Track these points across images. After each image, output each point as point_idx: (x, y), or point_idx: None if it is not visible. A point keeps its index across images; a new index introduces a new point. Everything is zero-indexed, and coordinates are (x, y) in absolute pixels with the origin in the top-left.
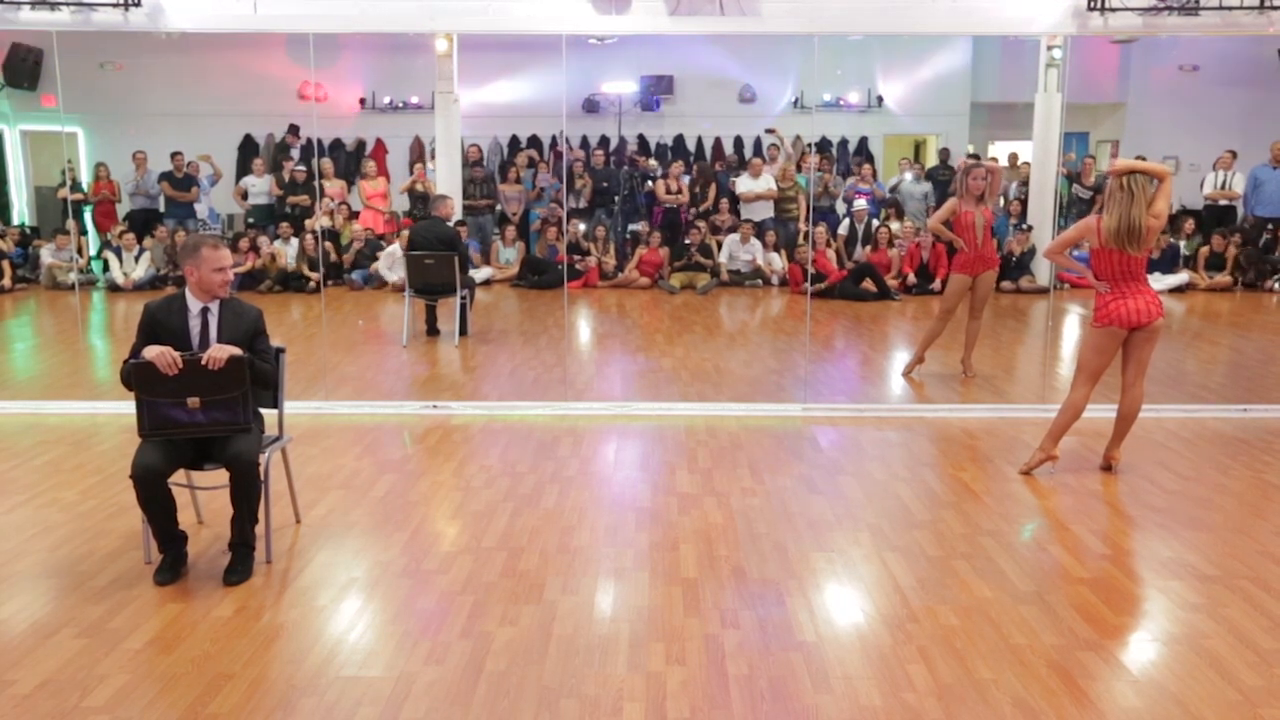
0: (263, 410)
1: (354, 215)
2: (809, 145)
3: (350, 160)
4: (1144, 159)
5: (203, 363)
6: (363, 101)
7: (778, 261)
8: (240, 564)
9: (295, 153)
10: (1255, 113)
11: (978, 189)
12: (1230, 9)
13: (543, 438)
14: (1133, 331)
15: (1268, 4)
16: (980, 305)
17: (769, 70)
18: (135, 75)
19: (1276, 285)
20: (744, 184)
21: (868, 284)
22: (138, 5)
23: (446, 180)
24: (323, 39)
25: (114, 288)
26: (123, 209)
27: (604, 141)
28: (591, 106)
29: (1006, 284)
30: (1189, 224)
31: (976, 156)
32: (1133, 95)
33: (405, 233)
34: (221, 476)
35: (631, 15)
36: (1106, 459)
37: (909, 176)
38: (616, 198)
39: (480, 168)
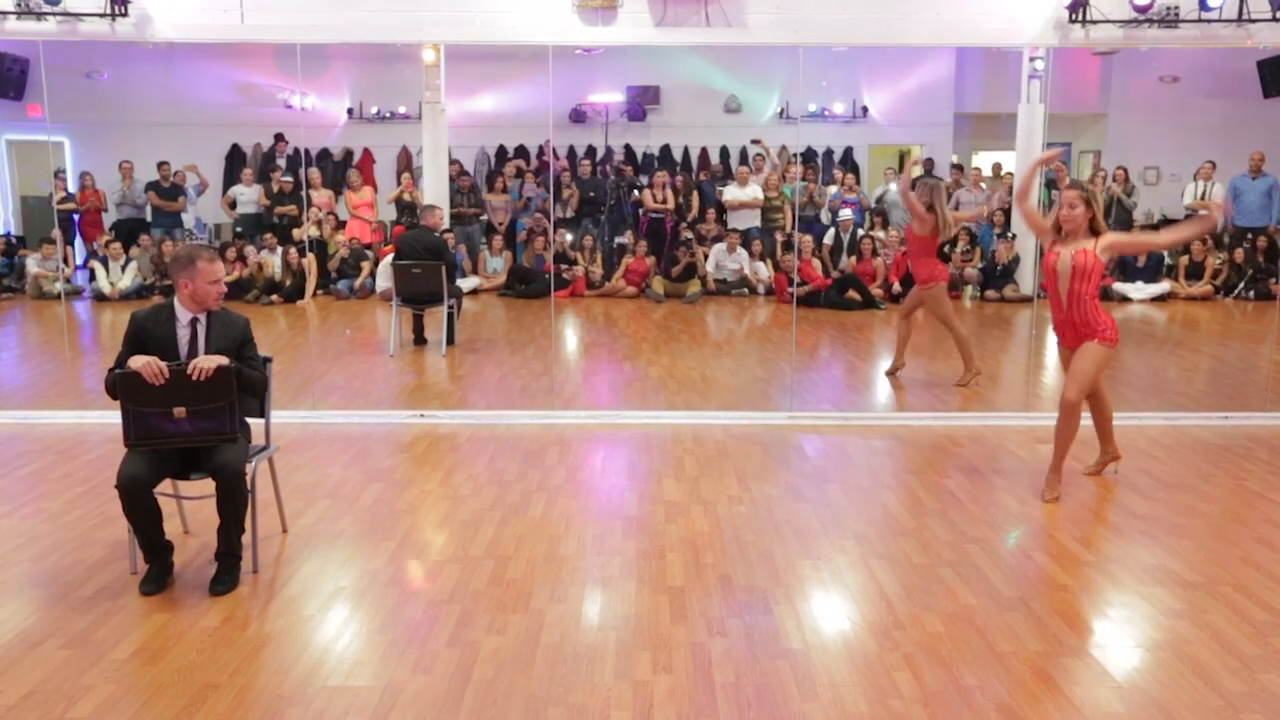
0: (249, 420)
1: (341, 225)
2: (794, 155)
3: (338, 170)
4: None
5: (189, 373)
6: (350, 111)
7: (764, 271)
8: (227, 574)
9: (282, 162)
10: (1235, 124)
11: (911, 208)
12: (1209, 22)
13: (530, 446)
14: None
15: (1245, 17)
16: (940, 319)
17: (754, 81)
18: (122, 85)
19: (1250, 292)
20: (731, 192)
21: (853, 293)
22: (124, 15)
23: (434, 190)
24: (310, 49)
25: (100, 297)
26: (109, 218)
27: (590, 151)
28: (578, 117)
29: (991, 293)
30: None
31: (930, 163)
32: (1114, 106)
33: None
34: (208, 486)
35: (618, 26)
36: (1112, 457)
37: (894, 187)
38: (603, 207)
39: (467, 177)
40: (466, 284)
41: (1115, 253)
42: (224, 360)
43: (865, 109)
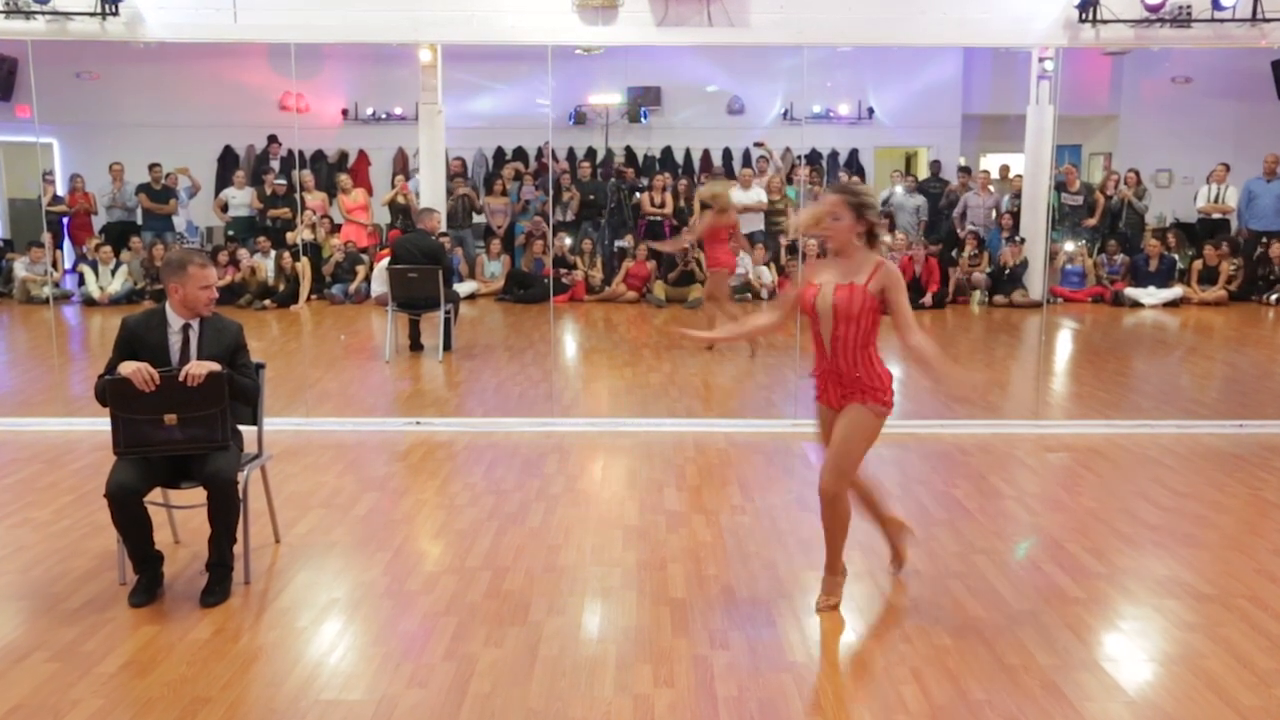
0: (242, 427)
1: (336, 229)
2: (799, 158)
3: (332, 172)
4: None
5: (181, 379)
6: (345, 113)
7: (767, 275)
8: (218, 585)
9: (275, 164)
10: (1248, 125)
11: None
12: (1222, 21)
13: (528, 454)
14: None
15: (1260, 17)
16: (717, 299)
17: (758, 82)
18: (112, 86)
19: (1273, 298)
20: (734, 196)
21: None
22: (115, 14)
23: (430, 193)
24: (304, 49)
25: (89, 302)
26: (99, 221)
27: (590, 154)
28: (579, 118)
29: (999, 298)
30: (1172, 238)
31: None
32: (1125, 107)
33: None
34: (199, 495)
35: (618, 26)
36: (898, 533)
37: (900, 189)
38: (604, 211)
39: (461, 179)
40: (464, 288)
41: (885, 301)
42: (215, 366)
43: (871, 110)
